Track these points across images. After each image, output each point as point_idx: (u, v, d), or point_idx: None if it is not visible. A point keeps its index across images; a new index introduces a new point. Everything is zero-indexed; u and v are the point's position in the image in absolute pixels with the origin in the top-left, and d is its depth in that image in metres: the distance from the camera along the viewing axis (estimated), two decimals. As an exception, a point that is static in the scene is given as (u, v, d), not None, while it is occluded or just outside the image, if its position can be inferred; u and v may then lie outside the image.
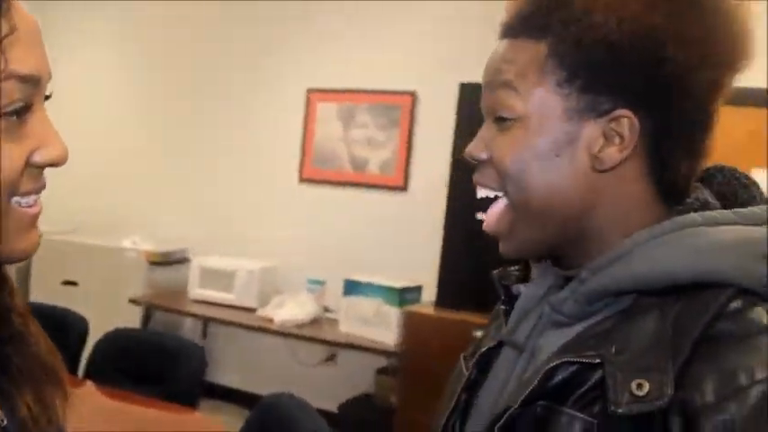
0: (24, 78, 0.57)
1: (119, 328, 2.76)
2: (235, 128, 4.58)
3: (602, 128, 0.67)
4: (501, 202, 0.71)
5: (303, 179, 4.40)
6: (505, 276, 0.81)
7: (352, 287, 3.71)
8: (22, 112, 0.58)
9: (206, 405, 3.37)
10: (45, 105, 0.62)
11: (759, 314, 0.60)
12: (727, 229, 0.65)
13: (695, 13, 0.66)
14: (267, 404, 1.97)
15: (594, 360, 0.63)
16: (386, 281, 3.63)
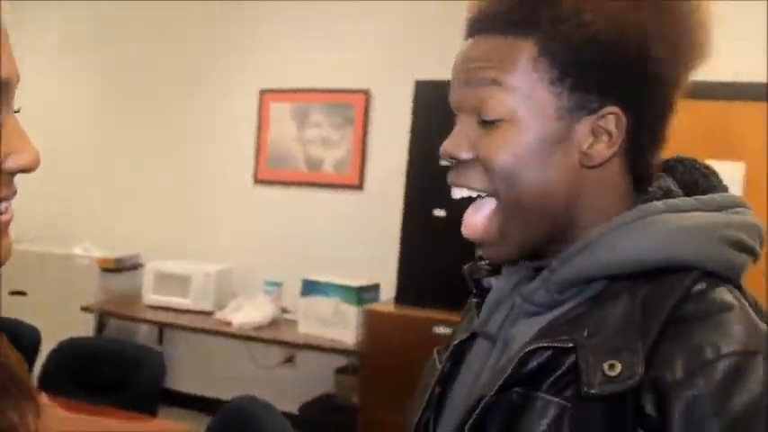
0: None
1: (72, 338, 2.69)
2: (188, 130, 4.51)
3: (591, 125, 0.69)
4: (487, 206, 0.71)
5: (258, 180, 4.36)
6: (476, 270, 0.82)
7: (309, 287, 3.69)
8: None
9: (164, 412, 3.31)
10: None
11: (722, 294, 0.64)
12: (689, 215, 0.68)
13: (670, 12, 0.69)
14: (230, 407, 1.94)
15: (567, 344, 0.64)
16: (343, 280, 3.62)
